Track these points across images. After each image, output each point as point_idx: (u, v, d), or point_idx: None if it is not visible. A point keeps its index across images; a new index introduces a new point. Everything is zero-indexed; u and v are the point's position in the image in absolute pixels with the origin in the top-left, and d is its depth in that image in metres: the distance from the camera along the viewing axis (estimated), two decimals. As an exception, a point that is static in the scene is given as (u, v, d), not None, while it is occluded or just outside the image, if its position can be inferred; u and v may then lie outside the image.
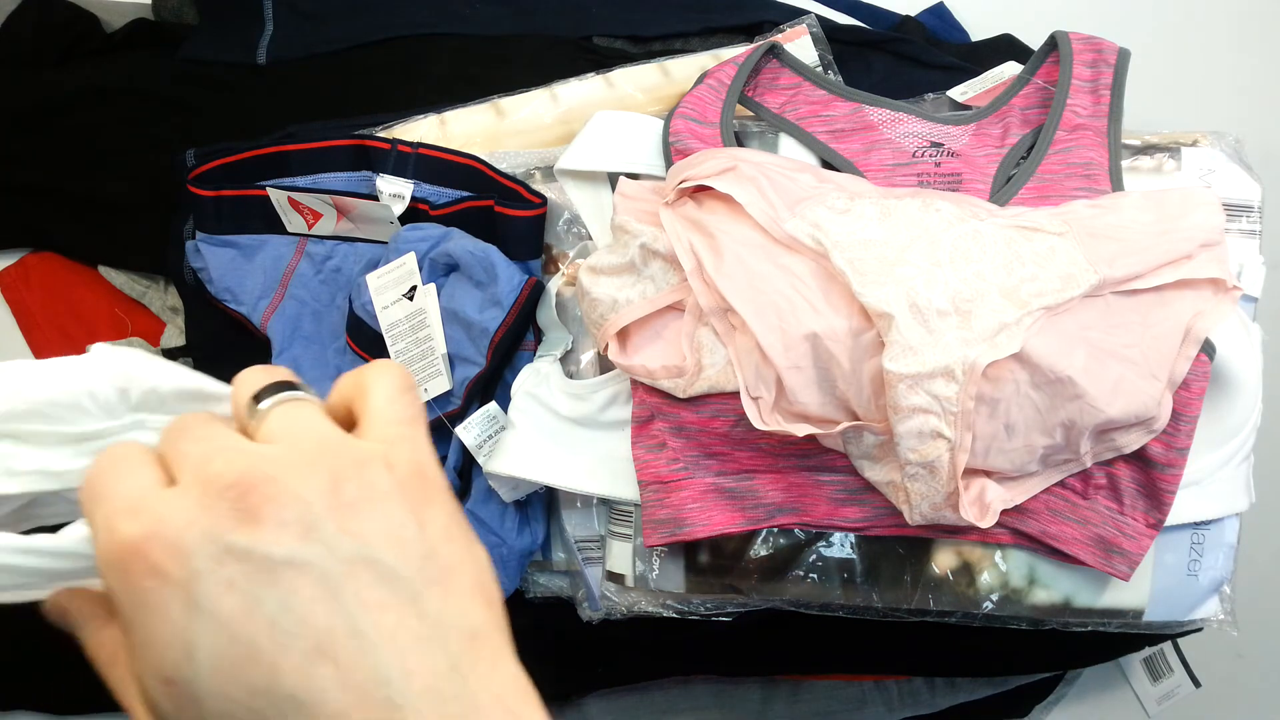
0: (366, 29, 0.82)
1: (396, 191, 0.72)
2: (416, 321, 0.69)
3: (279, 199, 0.73)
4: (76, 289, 0.86)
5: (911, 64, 0.81)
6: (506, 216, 0.69)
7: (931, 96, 0.74)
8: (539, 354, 0.69)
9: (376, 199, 0.72)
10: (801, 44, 0.76)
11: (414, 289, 0.69)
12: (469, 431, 0.67)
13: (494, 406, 0.69)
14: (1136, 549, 0.60)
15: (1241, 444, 0.63)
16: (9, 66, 0.84)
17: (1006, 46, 0.85)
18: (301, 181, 0.74)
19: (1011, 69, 0.73)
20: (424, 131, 0.75)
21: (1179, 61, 0.91)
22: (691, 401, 0.60)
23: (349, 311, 0.73)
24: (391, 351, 0.70)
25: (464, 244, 0.68)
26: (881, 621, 0.67)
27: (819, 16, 0.79)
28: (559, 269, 0.70)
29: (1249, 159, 0.67)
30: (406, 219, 0.72)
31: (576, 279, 0.64)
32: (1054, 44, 0.67)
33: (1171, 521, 0.61)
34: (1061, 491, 0.61)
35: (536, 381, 0.67)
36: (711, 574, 0.66)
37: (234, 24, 0.84)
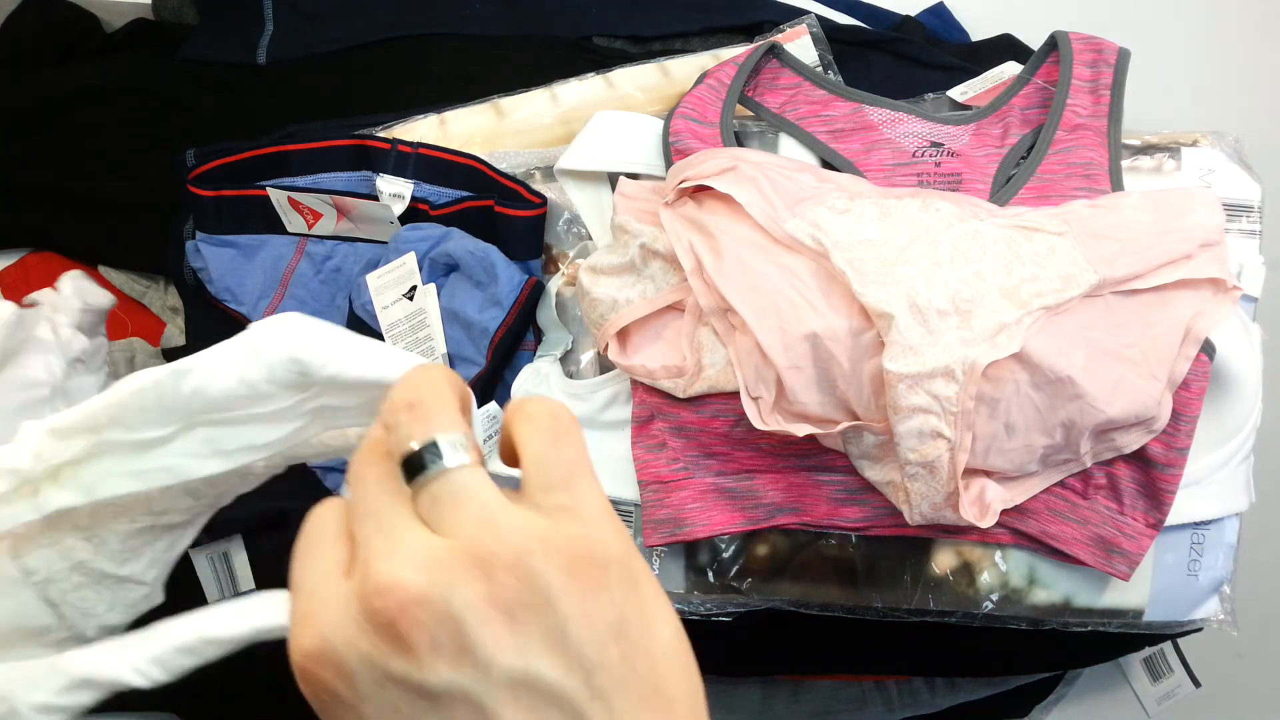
0: (366, 29, 0.82)
1: (396, 191, 0.72)
2: (416, 322, 0.69)
3: (279, 199, 0.73)
4: (76, 289, 0.86)
5: (911, 64, 0.81)
6: (506, 216, 0.69)
7: (931, 96, 0.74)
8: (539, 354, 0.69)
9: (376, 199, 0.72)
10: (801, 44, 0.76)
11: (414, 289, 0.69)
12: (469, 431, 0.67)
13: (494, 406, 0.69)
14: (1136, 549, 0.60)
15: (1241, 444, 0.63)
16: (9, 66, 0.84)
17: (1006, 46, 0.85)
18: (301, 181, 0.74)
19: (1011, 69, 0.73)
20: (424, 131, 0.75)
21: (1179, 61, 0.91)
22: (691, 401, 0.61)
23: (349, 311, 0.73)
24: (391, 351, 0.70)
25: (464, 244, 0.68)
26: (881, 621, 0.67)
27: (819, 16, 0.79)
28: (559, 269, 0.70)
29: (1249, 159, 0.67)
30: (406, 219, 0.72)
31: (576, 279, 0.64)
32: (1054, 44, 0.67)
33: (1171, 521, 0.61)
34: (1061, 491, 0.61)
35: (536, 381, 0.67)
36: (711, 574, 0.66)
37: (234, 24, 0.84)
